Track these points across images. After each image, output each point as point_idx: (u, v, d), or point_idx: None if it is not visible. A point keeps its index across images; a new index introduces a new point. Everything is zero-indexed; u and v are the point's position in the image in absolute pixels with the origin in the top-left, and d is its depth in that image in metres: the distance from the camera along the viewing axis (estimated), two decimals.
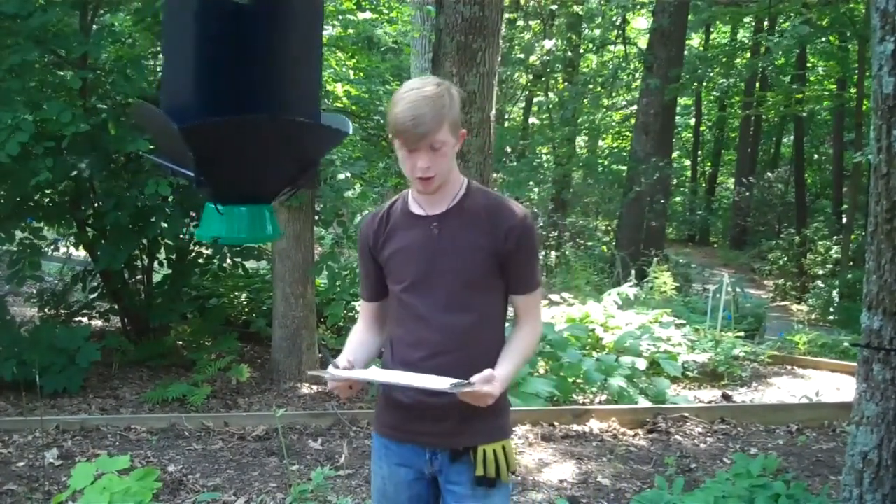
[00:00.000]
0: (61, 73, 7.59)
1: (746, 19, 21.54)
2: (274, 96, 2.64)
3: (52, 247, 8.69)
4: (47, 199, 7.94)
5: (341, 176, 7.75)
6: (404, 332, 2.58)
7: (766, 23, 21.49)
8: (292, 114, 2.65)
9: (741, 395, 7.96)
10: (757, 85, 24.43)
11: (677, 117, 24.36)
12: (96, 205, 7.89)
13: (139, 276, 8.44)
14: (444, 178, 2.48)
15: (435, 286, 2.51)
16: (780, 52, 18.76)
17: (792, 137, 25.76)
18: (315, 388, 7.48)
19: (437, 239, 2.52)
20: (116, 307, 8.51)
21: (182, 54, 2.67)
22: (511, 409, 2.67)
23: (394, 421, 2.61)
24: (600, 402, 7.17)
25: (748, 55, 22.82)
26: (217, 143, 2.56)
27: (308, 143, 2.77)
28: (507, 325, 2.67)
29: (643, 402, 7.17)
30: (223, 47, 2.58)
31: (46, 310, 8.53)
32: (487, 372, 2.38)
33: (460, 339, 2.50)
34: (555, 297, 10.52)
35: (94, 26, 7.68)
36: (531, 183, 18.92)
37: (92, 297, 8.57)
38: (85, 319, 8.59)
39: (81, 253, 9.72)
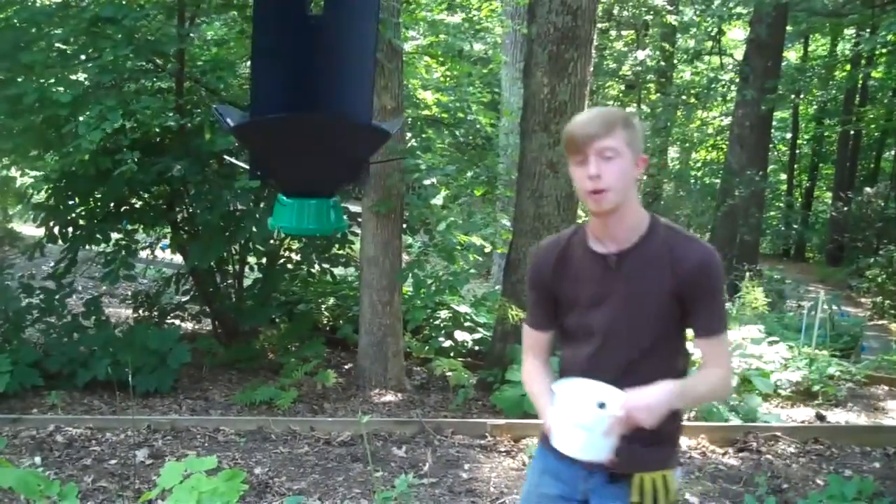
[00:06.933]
0: (157, 81, 7.78)
1: (847, 31, 21.00)
2: (328, 100, 2.86)
3: (147, 249, 8.90)
4: (142, 203, 8.13)
5: (427, 182, 7.74)
6: (574, 369, 2.49)
7: (867, 33, 20.90)
8: (344, 115, 2.87)
9: (836, 416, 7.71)
10: (857, 99, 23.78)
11: (773, 131, 23.85)
12: (189, 208, 8.06)
13: (230, 280, 8.58)
14: (619, 196, 2.33)
15: (612, 327, 2.41)
16: (879, 58, 18.09)
17: (892, 152, 24.99)
18: (400, 395, 7.50)
19: (616, 279, 2.40)
20: (208, 310, 8.66)
21: (259, 62, 2.92)
22: None
23: None
24: (689, 419, 7.02)
25: (848, 68, 22.22)
26: (268, 140, 2.79)
27: (358, 142, 2.94)
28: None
29: (733, 420, 7.00)
30: (288, 56, 2.80)
31: (140, 311, 8.73)
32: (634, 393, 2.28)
33: (634, 381, 2.38)
34: None
35: (192, 35, 7.84)
36: None
37: (184, 299, 8.74)
38: (177, 321, 8.76)
39: (168, 256, 9.96)
